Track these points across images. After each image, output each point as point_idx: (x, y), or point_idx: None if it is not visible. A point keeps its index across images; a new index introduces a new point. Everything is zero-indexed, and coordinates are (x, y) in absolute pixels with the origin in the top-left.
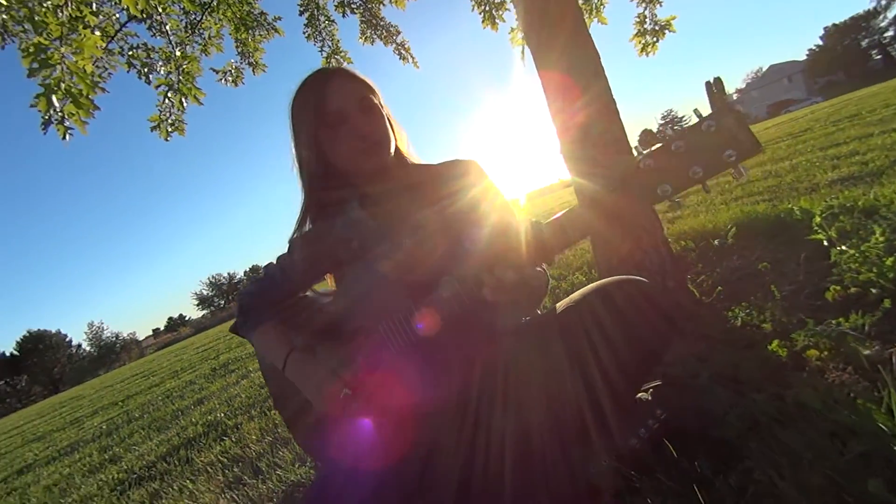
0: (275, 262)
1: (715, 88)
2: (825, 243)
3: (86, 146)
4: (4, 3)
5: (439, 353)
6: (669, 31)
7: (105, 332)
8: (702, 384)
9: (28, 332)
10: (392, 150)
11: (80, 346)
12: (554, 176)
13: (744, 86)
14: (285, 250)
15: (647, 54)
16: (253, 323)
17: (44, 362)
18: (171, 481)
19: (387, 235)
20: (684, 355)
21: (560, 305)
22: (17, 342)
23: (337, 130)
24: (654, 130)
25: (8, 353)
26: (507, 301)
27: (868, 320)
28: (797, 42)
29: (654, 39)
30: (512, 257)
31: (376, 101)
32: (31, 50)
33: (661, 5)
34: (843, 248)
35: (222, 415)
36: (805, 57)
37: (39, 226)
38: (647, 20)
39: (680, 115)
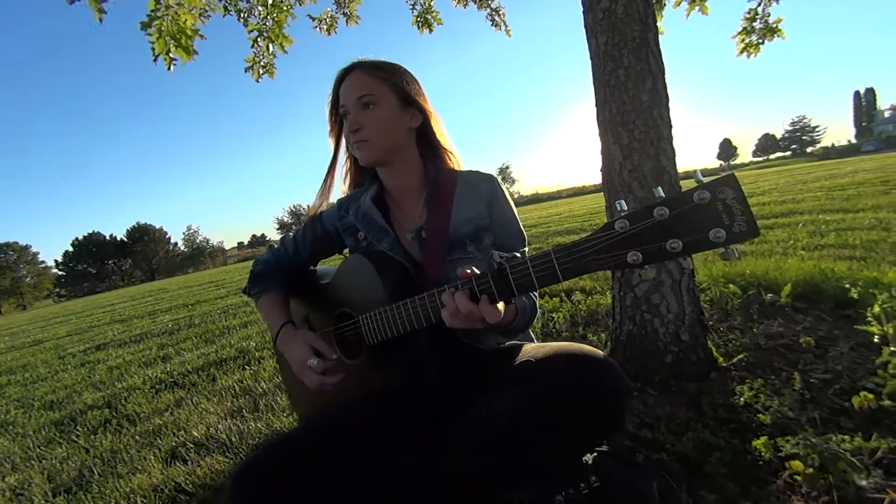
0: (291, 235)
1: (864, 101)
2: (875, 339)
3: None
4: None
5: (409, 352)
6: (779, 37)
7: (198, 237)
8: (649, 468)
9: (137, 223)
10: (387, 147)
11: (176, 244)
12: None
13: None
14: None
15: (747, 55)
16: (259, 290)
17: (146, 252)
18: (194, 394)
19: (389, 232)
20: (665, 418)
21: (522, 358)
22: (128, 230)
23: (347, 124)
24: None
25: (119, 238)
26: (465, 328)
27: (884, 445)
28: None
29: (760, 40)
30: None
31: (379, 98)
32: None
33: (777, 2)
34: None
35: (254, 344)
36: None
37: (165, 131)
38: (757, 18)
39: (813, 125)
